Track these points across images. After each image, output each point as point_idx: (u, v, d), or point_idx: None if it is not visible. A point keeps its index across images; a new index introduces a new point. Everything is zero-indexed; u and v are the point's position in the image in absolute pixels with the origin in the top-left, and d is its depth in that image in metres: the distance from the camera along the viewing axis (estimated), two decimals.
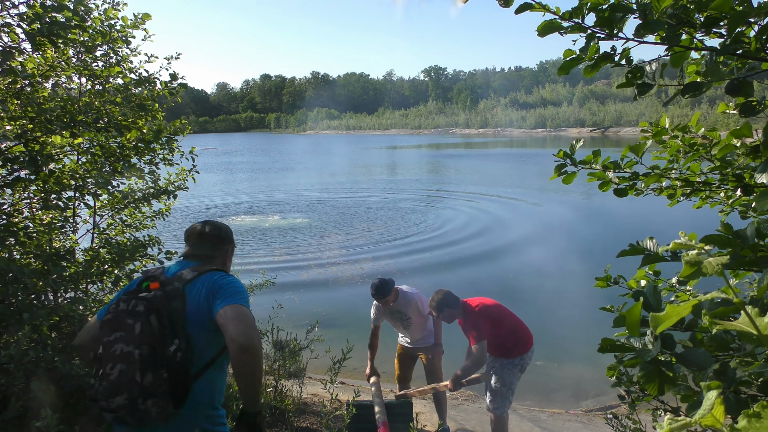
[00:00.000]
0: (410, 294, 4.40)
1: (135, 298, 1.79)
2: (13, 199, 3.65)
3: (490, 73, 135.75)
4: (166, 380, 1.71)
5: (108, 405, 1.72)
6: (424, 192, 21.24)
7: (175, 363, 1.74)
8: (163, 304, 1.79)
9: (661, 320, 0.72)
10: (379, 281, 4.28)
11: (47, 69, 3.50)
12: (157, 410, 1.70)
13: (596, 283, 2.04)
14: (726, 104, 1.90)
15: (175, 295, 1.83)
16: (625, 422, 2.71)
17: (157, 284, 1.86)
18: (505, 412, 3.93)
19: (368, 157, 44.95)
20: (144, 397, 1.68)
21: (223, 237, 2.15)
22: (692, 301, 0.74)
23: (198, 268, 1.95)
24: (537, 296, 8.56)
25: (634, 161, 1.91)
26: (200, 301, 1.85)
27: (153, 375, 1.69)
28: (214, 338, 1.85)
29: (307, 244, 12.54)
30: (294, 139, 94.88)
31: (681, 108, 62.77)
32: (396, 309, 4.38)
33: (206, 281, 1.89)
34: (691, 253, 0.76)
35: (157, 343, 1.73)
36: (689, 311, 0.73)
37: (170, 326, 1.77)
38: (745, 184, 1.81)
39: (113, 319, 1.78)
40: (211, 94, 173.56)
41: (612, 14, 1.26)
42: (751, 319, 0.69)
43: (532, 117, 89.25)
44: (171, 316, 1.79)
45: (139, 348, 1.70)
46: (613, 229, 13.25)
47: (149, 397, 1.68)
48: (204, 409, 1.88)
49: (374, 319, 4.51)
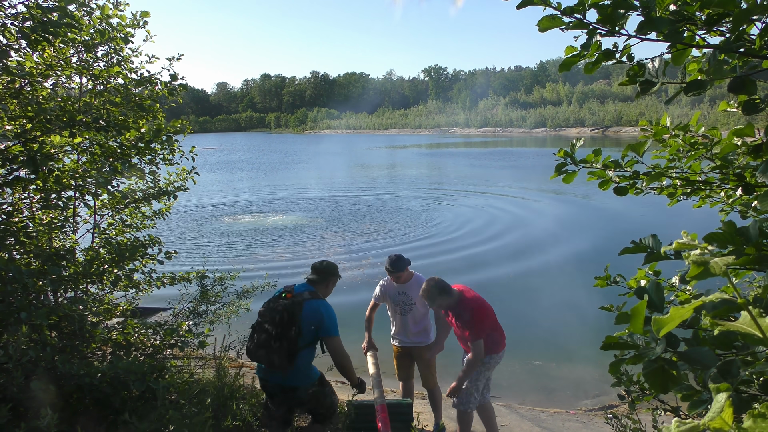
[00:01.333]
0: (422, 279, 4.39)
1: (277, 302, 3.26)
2: (12, 198, 3.64)
3: (490, 72, 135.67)
4: (285, 347, 3.12)
5: (255, 354, 3.25)
6: (441, 190, 21.23)
7: (292, 340, 3.14)
8: (290, 308, 3.19)
9: (663, 323, 0.71)
10: (395, 255, 4.27)
11: (45, 68, 3.49)
12: (278, 361, 3.12)
13: (596, 282, 2.03)
14: (727, 102, 1.89)
15: (298, 304, 3.24)
16: (625, 422, 2.71)
17: (290, 295, 3.29)
18: (469, 408, 3.92)
19: (382, 156, 44.94)
20: (273, 353, 3.12)
21: (329, 272, 3.52)
22: (695, 303, 0.73)
23: (313, 293, 3.36)
24: (538, 296, 8.56)
25: (635, 160, 1.90)
26: (310, 313, 3.25)
27: (279, 343, 3.12)
28: (313, 333, 3.27)
29: (309, 245, 12.54)
30: (294, 139, 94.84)
31: (681, 107, 62.78)
32: (404, 291, 4.35)
33: (315, 304, 3.29)
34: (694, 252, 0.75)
35: (284, 328, 3.15)
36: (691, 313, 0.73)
37: (291, 320, 3.16)
38: (746, 183, 1.81)
39: (265, 311, 3.30)
40: (211, 94, 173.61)
41: (614, 10, 1.25)
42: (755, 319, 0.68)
43: (532, 117, 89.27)
44: (293, 315, 3.18)
45: (275, 328, 3.15)
46: (626, 228, 13.25)
47: (275, 353, 3.12)
48: (303, 369, 3.27)
49: (376, 297, 4.49)
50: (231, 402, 3.92)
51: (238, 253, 11.70)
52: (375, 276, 9.32)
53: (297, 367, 3.23)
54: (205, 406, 3.67)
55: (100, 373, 2.95)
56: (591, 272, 2.50)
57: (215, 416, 3.76)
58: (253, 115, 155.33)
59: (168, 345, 3.83)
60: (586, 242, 12.03)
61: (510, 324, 4.15)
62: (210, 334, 4.06)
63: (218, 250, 12.01)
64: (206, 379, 4.26)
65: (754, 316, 0.72)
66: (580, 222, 14.36)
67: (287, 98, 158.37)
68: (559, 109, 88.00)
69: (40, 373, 2.79)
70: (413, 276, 4.39)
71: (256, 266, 10.27)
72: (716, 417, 0.55)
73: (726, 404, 0.55)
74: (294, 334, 3.14)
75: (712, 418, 0.55)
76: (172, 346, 3.82)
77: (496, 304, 4.19)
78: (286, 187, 24.02)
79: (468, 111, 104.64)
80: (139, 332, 3.74)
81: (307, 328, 3.22)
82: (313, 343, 3.32)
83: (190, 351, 4.96)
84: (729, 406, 0.55)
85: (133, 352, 3.58)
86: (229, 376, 4.28)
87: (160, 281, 4.17)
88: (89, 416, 3.09)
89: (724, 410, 0.55)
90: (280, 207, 18.19)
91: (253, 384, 4.70)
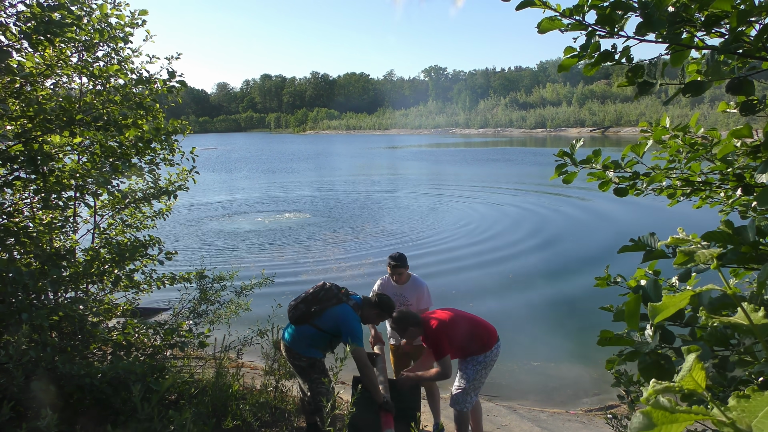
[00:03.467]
0: (419, 281, 4.45)
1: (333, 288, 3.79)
2: (13, 198, 3.65)
3: (490, 73, 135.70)
4: (301, 310, 3.71)
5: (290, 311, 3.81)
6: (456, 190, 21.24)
7: (313, 311, 3.68)
8: (330, 295, 3.73)
9: (659, 310, 0.73)
10: (398, 253, 4.40)
11: (45, 68, 3.49)
12: (291, 314, 3.76)
13: (596, 282, 2.03)
14: (726, 103, 1.90)
15: (335, 298, 3.74)
16: (625, 422, 2.71)
17: (343, 290, 3.82)
18: (465, 408, 3.95)
19: (386, 156, 44.96)
20: (295, 308, 3.74)
21: (381, 305, 3.87)
22: (689, 291, 0.74)
23: (355, 304, 3.78)
24: (538, 296, 8.56)
25: (635, 161, 1.91)
26: (336, 311, 3.69)
27: (303, 305, 3.72)
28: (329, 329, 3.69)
29: (309, 245, 12.54)
30: (295, 138, 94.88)
31: (681, 108, 62.79)
32: (401, 292, 4.40)
33: (343, 309, 3.70)
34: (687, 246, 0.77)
35: (313, 302, 3.71)
36: (687, 302, 0.74)
37: (321, 301, 3.71)
38: (746, 183, 1.81)
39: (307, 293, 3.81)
40: (211, 94, 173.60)
41: (613, 12, 1.26)
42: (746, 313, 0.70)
43: (532, 117, 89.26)
44: (324, 300, 3.71)
45: (310, 296, 3.75)
46: (626, 229, 13.25)
47: (296, 309, 3.74)
48: (303, 340, 3.71)
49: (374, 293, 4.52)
50: (231, 402, 3.92)
51: (238, 253, 11.70)
52: (374, 276, 9.32)
53: (299, 334, 3.71)
54: (205, 405, 3.68)
55: (101, 373, 2.95)
56: (591, 272, 2.50)
57: (215, 416, 3.76)
58: (254, 115, 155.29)
59: (168, 345, 3.83)
60: (587, 242, 12.03)
61: (510, 324, 4.16)
62: (210, 334, 4.07)
63: (218, 250, 12.02)
64: (206, 380, 4.26)
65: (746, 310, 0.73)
66: (579, 222, 14.37)
67: (287, 98, 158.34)
68: (559, 109, 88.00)
69: (40, 373, 2.80)
70: (411, 277, 4.43)
71: (256, 265, 10.27)
72: (686, 375, 0.56)
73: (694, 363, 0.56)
74: (314, 311, 3.67)
75: (682, 377, 0.56)
76: (172, 346, 3.83)
77: (496, 304, 4.19)
78: (285, 188, 24.03)
79: (468, 111, 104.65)
80: (139, 332, 3.75)
81: (326, 318, 3.68)
82: (323, 334, 3.70)
83: (190, 351, 4.97)
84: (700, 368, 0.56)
85: (133, 352, 3.58)
86: (229, 376, 4.29)
87: (160, 281, 4.18)
88: (89, 416, 3.10)
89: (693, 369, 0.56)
90: (281, 207, 18.20)
91: (253, 384, 4.71)
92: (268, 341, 4.73)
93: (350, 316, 3.65)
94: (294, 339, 3.74)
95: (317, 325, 3.68)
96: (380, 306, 3.85)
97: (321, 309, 3.68)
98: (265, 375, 4.85)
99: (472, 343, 3.93)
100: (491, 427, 4.59)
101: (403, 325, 3.90)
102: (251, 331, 4.71)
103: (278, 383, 4.49)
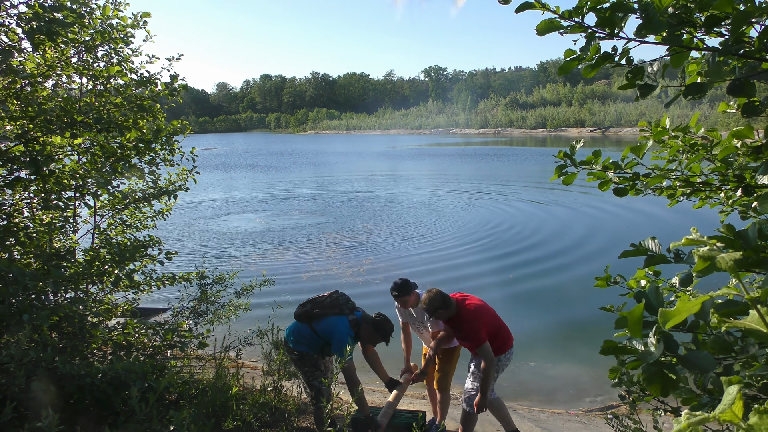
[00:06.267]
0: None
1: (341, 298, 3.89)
2: (13, 199, 3.65)
3: (490, 73, 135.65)
4: (308, 310, 3.83)
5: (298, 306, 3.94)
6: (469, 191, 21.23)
7: (314, 314, 3.81)
8: (335, 304, 3.84)
9: (670, 316, 0.72)
10: (401, 280, 4.13)
11: (46, 69, 3.49)
12: (298, 311, 3.88)
13: (596, 282, 2.03)
14: (727, 104, 1.89)
15: (337, 307, 3.83)
16: (625, 422, 2.71)
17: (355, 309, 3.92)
18: (474, 410, 3.93)
19: (391, 157, 44.95)
20: (303, 307, 3.87)
21: (376, 327, 3.81)
22: (703, 297, 0.73)
23: (354, 319, 3.80)
24: (538, 296, 8.56)
25: (635, 162, 1.91)
26: (332, 322, 3.77)
27: (309, 305, 3.85)
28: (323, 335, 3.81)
29: (309, 245, 12.54)
30: (294, 139, 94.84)
31: (681, 108, 62.73)
32: (416, 313, 4.28)
33: (340, 320, 3.76)
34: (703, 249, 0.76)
35: (319, 306, 3.83)
36: (699, 308, 0.73)
37: (325, 307, 3.82)
38: (746, 184, 1.81)
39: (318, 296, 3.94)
40: (212, 94, 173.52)
41: (613, 14, 1.25)
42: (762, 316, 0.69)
43: (532, 117, 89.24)
44: (329, 307, 3.82)
45: (309, 303, 3.87)
46: (627, 229, 13.25)
47: (303, 308, 3.87)
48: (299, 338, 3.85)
49: (399, 316, 4.44)
50: (231, 402, 3.92)
51: (238, 253, 11.69)
52: (374, 276, 9.34)
53: (297, 330, 3.88)
54: (205, 406, 3.67)
55: (101, 373, 2.95)
56: (591, 272, 2.50)
57: (215, 416, 3.76)
58: (254, 115, 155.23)
59: (168, 345, 3.83)
60: (588, 242, 12.02)
61: (510, 324, 4.14)
62: (210, 334, 4.06)
63: (217, 250, 12.02)
64: (206, 380, 4.26)
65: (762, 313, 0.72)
66: (581, 222, 14.35)
67: (287, 99, 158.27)
68: (559, 109, 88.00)
69: (41, 373, 2.80)
70: (419, 298, 4.16)
71: (256, 265, 10.27)
72: (727, 409, 0.55)
73: (737, 397, 0.55)
74: (315, 313, 3.83)
75: (722, 410, 0.55)
76: (173, 346, 3.83)
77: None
78: (286, 187, 24.02)
79: (468, 111, 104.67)
80: (139, 332, 3.74)
81: (323, 324, 3.80)
82: (317, 338, 3.82)
83: (190, 351, 4.96)
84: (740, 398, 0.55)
85: (133, 352, 3.58)
86: (229, 377, 4.29)
87: (160, 281, 4.17)
88: (90, 416, 3.09)
89: (735, 402, 0.55)
90: (280, 207, 18.20)
91: (253, 384, 4.70)
92: (268, 341, 4.73)
93: (342, 330, 3.70)
94: (290, 333, 3.90)
95: (314, 328, 3.81)
96: (375, 326, 3.80)
97: (321, 314, 3.80)
98: (265, 375, 4.85)
99: (496, 340, 3.85)
100: (491, 428, 4.59)
101: (432, 306, 3.78)
102: (251, 331, 4.71)
103: (278, 383, 4.48)
